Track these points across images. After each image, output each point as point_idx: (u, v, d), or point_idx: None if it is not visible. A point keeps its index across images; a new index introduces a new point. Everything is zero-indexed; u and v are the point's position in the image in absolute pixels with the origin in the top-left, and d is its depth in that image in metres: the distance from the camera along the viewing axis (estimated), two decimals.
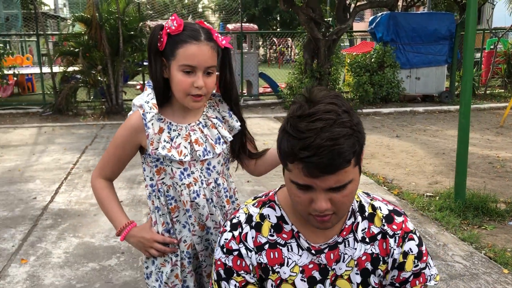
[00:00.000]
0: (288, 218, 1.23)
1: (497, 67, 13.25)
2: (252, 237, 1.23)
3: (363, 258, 1.22)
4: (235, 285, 1.23)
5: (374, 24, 11.29)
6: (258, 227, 1.23)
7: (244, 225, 1.24)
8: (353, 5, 11.65)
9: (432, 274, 1.26)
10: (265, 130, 8.20)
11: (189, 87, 1.43)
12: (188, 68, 1.42)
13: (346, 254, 1.22)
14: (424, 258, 1.24)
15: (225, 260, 1.24)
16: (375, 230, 1.23)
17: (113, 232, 3.77)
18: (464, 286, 2.89)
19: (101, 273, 3.13)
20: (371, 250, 1.22)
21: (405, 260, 1.22)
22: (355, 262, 1.22)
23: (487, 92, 12.51)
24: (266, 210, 1.25)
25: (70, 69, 9.61)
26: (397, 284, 1.25)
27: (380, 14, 11.41)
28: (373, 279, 1.23)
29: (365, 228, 1.23)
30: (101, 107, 9.84)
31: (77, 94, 10.02)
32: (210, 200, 1.55)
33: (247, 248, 1.22)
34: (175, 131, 1.50)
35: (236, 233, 1.24)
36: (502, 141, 7.17)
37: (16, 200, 4.57)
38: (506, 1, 13.66)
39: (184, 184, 1.50)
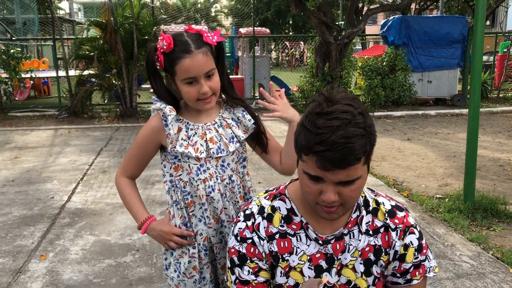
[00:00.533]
0: (298, 210, 1.32)
1: (510, 70, 13.18)
2: (264, 227, 1.32)
3: (367, 249, 1.30)
4: (249, 271, 1.32)
5: (386, 28, 11.32)
6: (269, 218, 1.32)
7: (256, 216, 1.33)
8: (365, 9, 11.70)
9: (431, 266, 1.33)
10: (276, 132, 8.28)
11: (196, 96, 1.55)
12: (189, 80, 1.53)
13: (351, 245, 1.30)
14: (424, 251, 1.32)
15: (239, 248, 1.32)
16: (378, 223, 1.32)
17: (128, 231, 3.89)
18: (471, 284, 2.95)
19: (117, 269, 3.24)
20: (374, 242, 1.31)
21: (406, 252, 1.30)
22: (359, 253, 1.30)
23: (500, 95, 12.47)
24: (277, 203, 1.34)
25: (86, 72, 9.81)
26: (398, 275, 1.32)
27: (392, 17, 11.44)
28: (375, 269, 1.31)
29: (369, 222, 1.32)
30: (115, 110, 10.02)
31: (92, 97, 10.22)
32: (224, 195, 1.65)
33: (259, 237, 1.31)
34: (192, 130, 1.62)
35: (249, 223, 1.33)
36: None
37: (35, 199, 4.71)
38: None
39: (200, 179, 1.61)
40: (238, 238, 1.33)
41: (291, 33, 34.37)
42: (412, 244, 1.31)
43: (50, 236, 3.80)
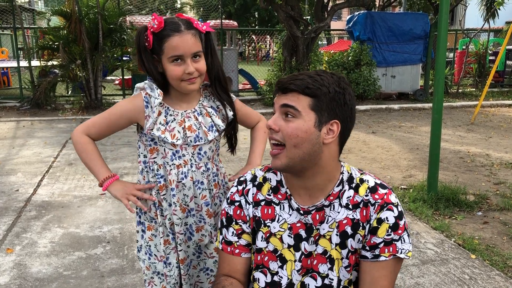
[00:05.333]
0: (285, 183, 1.42)
1: (468, 66, 13.66)
2: (253, 194, 1.44)
3: (344, 221, 1.35)
4: (233, 232, 1.44)
5: (351, 23, 11.51)
6: (259, 187, 1.45)
7: (248, 183, 1.46)
8: (331, 4, 11.85)
9: (404, 248, 1.31)
10: None
11: (181, 75, 1.57)
12: (176, 58, 1.55)
13: (330, 216, 1.35)
14: (400, 231, 1.31)
15: (227, 210, 1.46)
16: (358, 199, 1.35)
17: (97, 223, 3.84)
18: (435, 270, 3.08)
19: (88, 261, 3.21)
20: (353, 215, 1.34)
21: (379, 226, 1.32)
22: (336, 224, 1.35)
23: (459, 90, 12.91)
24: (269, 175, 1.46)
25: (49, 63, 9.54)
26: (367, 247, 1.33)
27: (357, 13, 11.64)
28: (350, 242, 1.35)
29: (350, 196, 1.36)
30: (80, 102, 9.79)
31: (55, 88, 9.95)
32: (196, 182, 1.67)
33: (246, 201, 1.44)
34: (171, 115, 1.64)
35: (240, 187, 1.47)
36: (473, 138, 7.47)
37: None
38: (478, 3, 14.10)
39: (174, 164, 1.63)
40: (229, 201, 1.47)
41: (256, 27, 34.39)
42: (387, 220, 1.31)
43: (16, 229, 3.71)
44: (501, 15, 14.61)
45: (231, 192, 1.47)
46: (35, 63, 10.44)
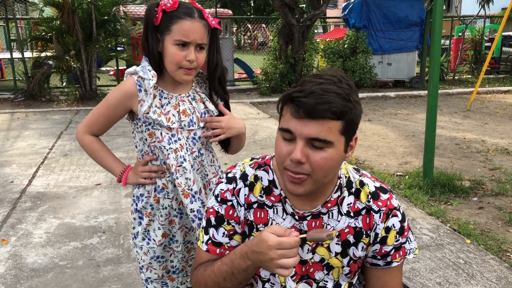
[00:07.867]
0: (279, 183, 1.30)
1: (465, 53, 13.64)
2: (245, 195, 1.31)
3: (346, 230, 1.29)
4: (224, 233, 1.30)
5: (347, 11, 11.45)
6: (251, 187, 1.31)
7: (238, 181, 1.32)
8: None
9: (411, 248, 1.33)
10: (241, 115, 8.30)
11: (181, 60, 1.54)
12: (182, 42, 1.53)
13: (328, 224, 1.29)
14: (405, 233, 1.31)
15: (218, 208, 1.31)
16: (360, 205, 1.29)
17: (93, 213, 3.83)
18: (430, 255, 3.09)
19: (84, 251, 3.20)
20: (355, 224, 1.29)
21: (387, 235, 1.29)
22: (337, 233, 1.29)
23: (455, 77, 12.90)
24: (260, 173, 1.32)
25: (43, 54, 9.46)
26: (378, 257, 1.32)
27: (353, 0, 11.57)
28: (353, 251, 1.31)
29: (351, 203, 1.29)
30: (74, 93, 9.73)
31: (49, 80, 9.89)
32: (192, 167, 1.66)
33: (238, 202, 1.31)
34: (166, 99, 1.62)
35: (231, 186, 1.32)
36: (469, 124, 7.47)
37: None
38: None
39: (172, 148, 1.62)
40: (219, 198, 1.32)
41: (252, 15, 34.16)
42: (394, 227, 1.29)
43: (11, 221, 3.70)
44: (496, 1, 14.55)
45: (221, 190, 1.32)
46: (28, 54, 10.35)
